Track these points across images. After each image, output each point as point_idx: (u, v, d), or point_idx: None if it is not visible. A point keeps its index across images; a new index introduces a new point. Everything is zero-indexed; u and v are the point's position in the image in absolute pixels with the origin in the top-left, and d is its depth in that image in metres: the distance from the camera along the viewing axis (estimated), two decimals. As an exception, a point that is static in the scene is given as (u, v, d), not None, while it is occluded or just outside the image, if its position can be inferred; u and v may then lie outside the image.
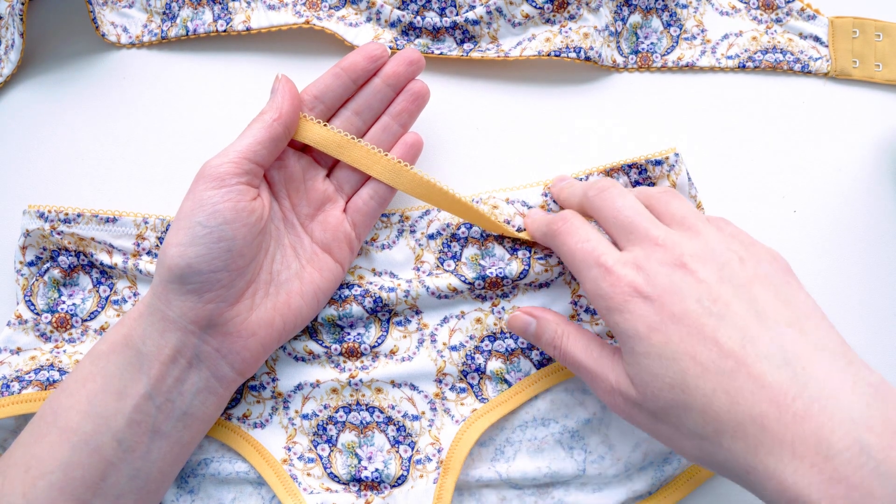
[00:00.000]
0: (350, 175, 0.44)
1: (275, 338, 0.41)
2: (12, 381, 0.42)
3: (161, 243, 0.45)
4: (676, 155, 0.44)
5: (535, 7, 0.49)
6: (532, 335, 0.41)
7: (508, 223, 0.44)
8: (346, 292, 0.44)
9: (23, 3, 0.48)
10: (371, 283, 0.44)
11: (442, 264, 0.44)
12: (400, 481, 0.43)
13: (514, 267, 0.44)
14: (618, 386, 0.36)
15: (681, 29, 0.51)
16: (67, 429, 0.37)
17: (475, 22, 0.49)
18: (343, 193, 0.44)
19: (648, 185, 0.44)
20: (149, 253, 0.45)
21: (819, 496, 0.28)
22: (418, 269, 0.45)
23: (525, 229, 0.44)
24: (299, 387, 0.44)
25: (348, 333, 0.44)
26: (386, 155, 0.43)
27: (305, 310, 0.42)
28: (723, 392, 0.31)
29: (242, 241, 0.39)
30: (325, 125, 0.43)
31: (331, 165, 0.45)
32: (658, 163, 0.44)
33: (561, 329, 0.40)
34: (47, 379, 0.42)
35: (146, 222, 0.45)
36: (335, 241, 0.43)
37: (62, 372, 0.43)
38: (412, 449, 0.43)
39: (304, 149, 0.44)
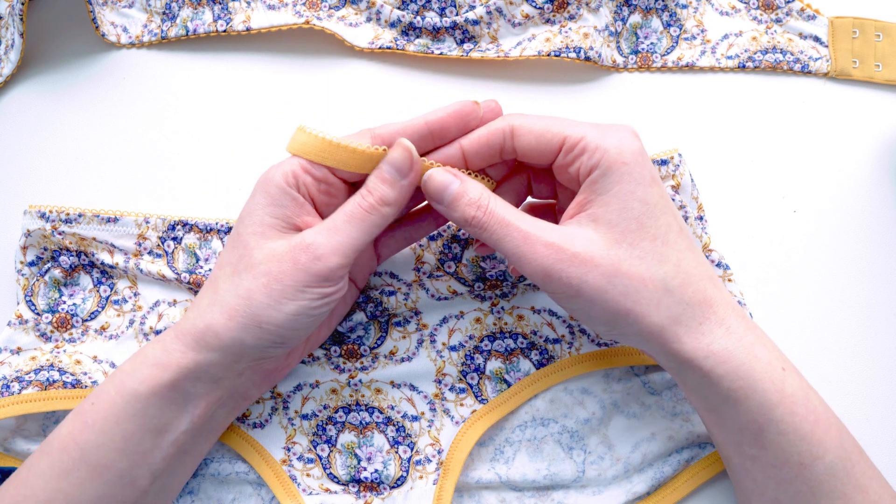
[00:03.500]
0: None
1: (298, 362, 0.43)
2: (12, 381, 0.42)
3: (162, 243, 0.45)
4: (680, 155, 0.44)
5: (535, 7, 0.49)
6: (452, 195, 0.37)
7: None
8: None
9: (23, 3, 0.48)
10: (372, 289, 0.44)
11: (442, 265, 0.44)
12: (399, 482, 0.43)
13: (515, 268, 0.44)
14: (564, 241, 0.35)
15: (681, 29, 0.51)
16: (99, 466, 0.36)
17: (475, 22, 0.49)
18: None
19: None
20: (150, 253, 0.45)
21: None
22: (418, 270, 0.45)
23: None
24: (299, 387, 0.44)
25: (348, 337, 0.44)
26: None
27: (327, 334, 0.43)
28: (690, 253, 0.36)
29: (327, 315, 0.38)
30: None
31: None
32: (664, 162, 0.44)
33: (486, 193, 0.37)
34: (47, 379, 0.42)
35: (147, 222, 0.45)
36: (360, 272, 0.43)
37: (62, 372, 0.43)
38: (411, 449, 0.43)
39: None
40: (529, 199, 0.42)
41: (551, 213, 0.42)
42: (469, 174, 0.38)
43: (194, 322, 0.37)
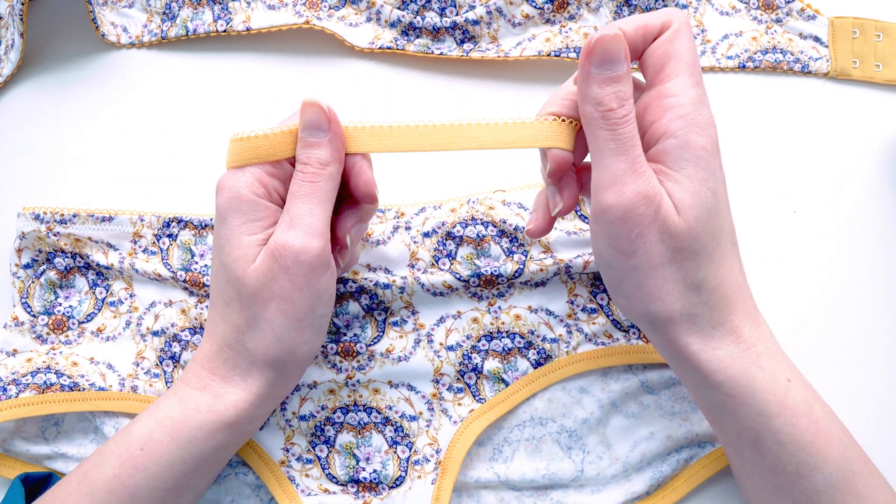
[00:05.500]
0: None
1: None
2: (9, 384, 0.42)
3: (157, 240, 0.45)
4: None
5: (535, 7, 0.49)
6: (619, 72, 0.33)
7: (504, 222, 0.44)
8: (342, 288, 0.44)
9: (23, 3, 0.48)
10: (366, 279, 0.44)
11: (437, 262, 0.44)
12: (398, 482, 0.43)
13: (509, 267, 0.44)
14: (662, 196, 0.33)
15: (681, 29, 0.51)
16: None
17: (475, 22, 0.49)
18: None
19: None
20: (145, 251, 0.45)
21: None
22: (413, 267, 0.45)
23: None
24: (297, 388, 0.44)
25: (345, 334, 0.44)
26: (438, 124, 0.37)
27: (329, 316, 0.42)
28: (731, 258, 0.35)
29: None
30: (364, 126, 0.37)
31: None
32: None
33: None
34: (44, 382, 0.42)
35: (142, 220, 0.45)
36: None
37: (59, 374, 0.43)
38: (410, 449, 0.43)
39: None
40: None
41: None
42: (556, 119, 0.36)
43: (236, 362, 0.37)
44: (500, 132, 0.37)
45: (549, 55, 0.48)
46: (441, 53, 0.50)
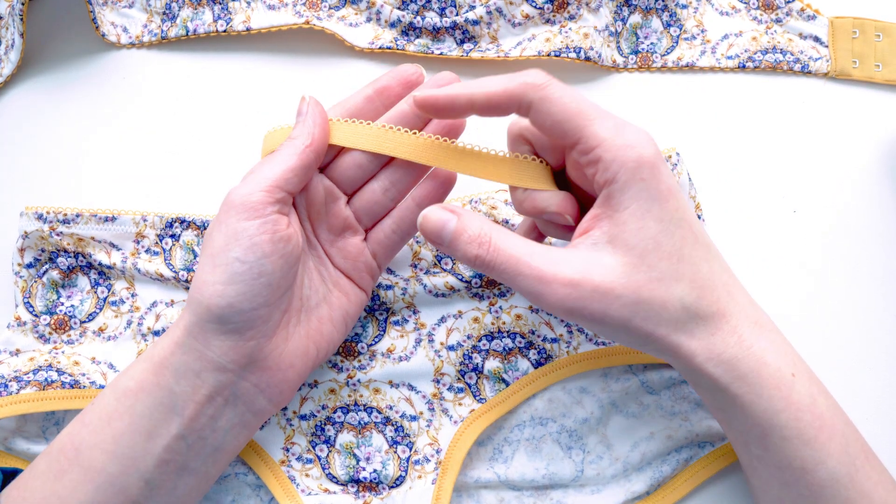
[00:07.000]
0: (371, 204, 0.41)
1: (309, 366, 0.40)
2: (10, 381, 0.42)
3: (160, 241, 0.45)
4: (678, 154, 0.45)
5: (535, 7, 0.49)
6: (450, 235, 0.35)
7: (507, 222, 0.44)
8: None
9: (23, 3, 0.48)
10: None
11: (439, 262, 0.44)
12: (398, 482, 0.43)
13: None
14: (582, 276, 0.34)
15: (681, 29, 0.51)
16: (91, 468, 0.36)
17: (475, 22, 0.49)
18: (363, 223, 0.41)
19: None
20: (147, 251, 0.45)
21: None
22: (416, 266, 0.45)
23: None
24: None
25: (345, 333, 0.44)
26: (429, 136, 0.39)
27: (336, 336, 0.41)
28: (706, 262, 0.35)
29: (280, 272, 0.36)
30: (356, 122, 0.40)
31: (351, 193, 0.41)
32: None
33: (488, 226, 0.35)
34: (45, 379, 0.42)
35: (145, 220, 0.45)
36: (355, 270, 0.41)
37: (60, 372, 0.43)
38: (410, 449, 0.43)
39: (324, 171, 0.41)
40: None
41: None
42: (525, 158, 0.38)
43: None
44: (487, 164, 0.38)
45: (549, 55, 0.48)
46: (441, 53, 0.50)
